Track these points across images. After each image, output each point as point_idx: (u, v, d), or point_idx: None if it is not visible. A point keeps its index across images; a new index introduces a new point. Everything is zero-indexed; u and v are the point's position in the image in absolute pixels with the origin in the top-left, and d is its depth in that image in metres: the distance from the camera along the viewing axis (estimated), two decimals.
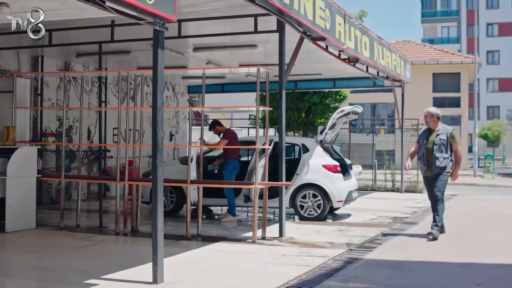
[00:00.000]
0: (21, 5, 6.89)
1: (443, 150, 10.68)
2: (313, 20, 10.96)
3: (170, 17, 6.81)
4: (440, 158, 10.65)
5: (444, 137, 10.75)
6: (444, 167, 10.67)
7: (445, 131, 10.86)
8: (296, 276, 7.68)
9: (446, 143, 10.72)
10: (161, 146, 7.18)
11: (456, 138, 10.96)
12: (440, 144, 10.68)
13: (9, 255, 9.04)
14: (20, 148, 11.18)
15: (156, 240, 7.18)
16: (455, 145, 10.80)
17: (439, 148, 10.69)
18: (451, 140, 10.77)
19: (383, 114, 37.31)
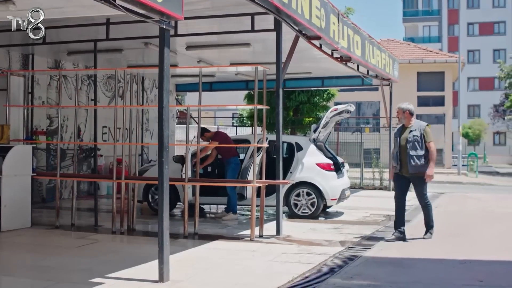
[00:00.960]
0: (26, 3, 6.86)
1: (417, 147, 10.05)
2: (309, 19, 11.01)
3: (177, 16, 6.82)
4: (414, 156, 10.05)
5: (418, 133, 10.12)
6: (421, 166, 10.03)
7: (419, 127, 10.22)
8: (300, 274, 7.72)
9: (420, 139, 10.07)
10: (167, 145, 7.18)
11: (430, 134, 10.20)
12: (413, 141, 10.07)
13: (8, 255, 8.97)
14: (15, 146, 11.12)
15: (162, 238, 7.19)
16: (428, 142, 10.09)
17: (412, 145, 10.07)
18: (425, 136, 10.12)
19: (368, 113, 37.50)
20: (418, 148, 10.04)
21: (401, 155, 10.25)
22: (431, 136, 10.20)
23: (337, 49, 12.96)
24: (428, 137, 10.13)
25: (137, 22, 11.02)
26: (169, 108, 20.67)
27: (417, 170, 10.08)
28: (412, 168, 10.07)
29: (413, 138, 10.08)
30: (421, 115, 34.14)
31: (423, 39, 69.41)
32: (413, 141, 10.06)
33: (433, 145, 10.14)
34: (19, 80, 12.04)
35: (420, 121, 10.52)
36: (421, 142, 10.06)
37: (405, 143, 10.14)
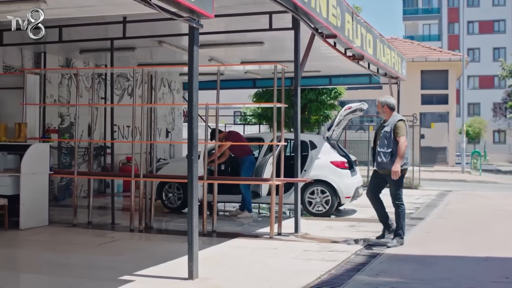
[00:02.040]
0: (58, 1, 6.88)
1: (385, 143, 9.48)
2: (326, 18, 11.04)
3: (208, 14, 6.85)
4: (381, 153, 9.51)
5: (388, 129, 9.52)
6: (387, 163, 9.45)
7: (392, 122, 9.58)
8: (326, 271, 7.77)
9: (390, 135, 9.47)
10: (197, 143, 7.22)
11: (402, 128, 9.45)
12: (383, 137, 9.54)
13: (32, 253, 8.99)
14: (33, 145, 11.15)
15: (191, 236, 7.22)
16: (399, 136, 9.40)
17: (381, 141, 9.57)
18: (395, 131, 9.46)
19: (372, 111, 37.45)
20: (385, 145, 9.49)
21: (374, 151, 9.89)
22: (403, 130, 9.47)
23: (351, 47, 13.00)
24: (399, 131, 9.44)
25: (152, 21, 11.16)
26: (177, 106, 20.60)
27: (383, 168, 9.58)
28: (378, 165, 9.67)
29: (383, 134, 9.57)
30: (424, 113, 34.29)
31: (423, 37, 69.49)
32: (383, 137, 9.56)
33: (403, 140, 9.38)
34: (35, 79, 12.05)
35: (398, 115, 9.86)
36: (390, 138, 9.47)
37: (378, 139, 9.73)
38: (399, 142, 9.37)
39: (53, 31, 12.20)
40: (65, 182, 15.98)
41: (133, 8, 7.27)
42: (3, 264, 8.25)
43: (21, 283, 7.14)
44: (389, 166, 9.41)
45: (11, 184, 10.81)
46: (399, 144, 9.36)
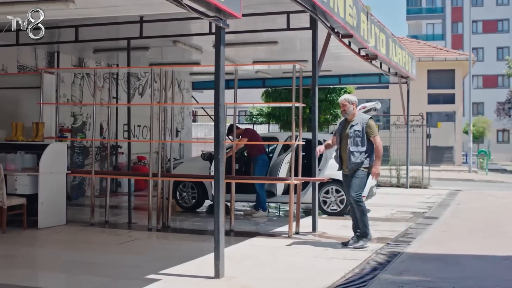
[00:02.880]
0: (85, 1, 6.92)
1: (359, 143, 9.17)
2: (344, 17, 11.09)
3: (237, 14, 6.89)
4: (355, 153, 9.18)
5: (360, 128, 9.22)
6: (361, 162, 9.18)
7: (361, 121, 9.30)
8: (350, 270, 7.80)
9: (362, 135, 9.18)
10: (223, 142, 7.25)
11: (374, 127, 9.29)
12: (354, 137, 9.20)
13: (55, 252, 9.04)
14: (51, 144, 11.18)
15: (218, 235, 7.25)
16: (373, 136, 9.18)
17: (353, 141, 9.19)
18: (367, 131, 9.21)
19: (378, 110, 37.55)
20: (359, 144, 9.18)
21: (341, 153, 9.44)
22: (375, 129, 9.30)
23: (366, 47, 13.04)
24: (372, 131, 9.23)
25: (168, 21, 11.20)
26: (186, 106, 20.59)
27: (356, 167, 9.23)
28: (351, 165, 9.23)
29: (355, 133, 9.22)
30: (431, 113, 34.31)
31: (426, 36, 69.46)
32: (355, 136, 9.21)
33: (379, 140, 9.20)
34: (51, 78, 12.08)
35: (364, 114, 9.73)
36: (363, 138, 9.19)
37: (346, 140, 9.32)
38: (376, 142, 9.17)
39: (68, 30, 12.28)
40: (78, 182, 16.02)
41: (160, 8, 7.33)
42: (30, 263, 8.29)
43: (51, 282, 7.14)
44: (361, 166, 9.19)
45: (29, 183, 10.85)
46: (376, 144, 9.17)
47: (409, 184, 20.26)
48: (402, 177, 20.77)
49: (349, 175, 9.37)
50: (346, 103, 9.42)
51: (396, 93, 20.58)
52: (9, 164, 10.97)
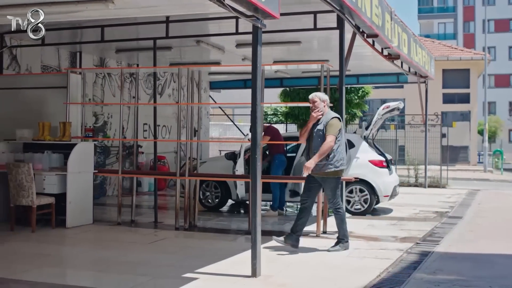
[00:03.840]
0: (125, 1, 6.97)
1: (319, 143, 8.64)
2: (370, 17, 11.11)
3: (275, 15, 6.92)
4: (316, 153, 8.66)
5: (322, 127, 8.70)
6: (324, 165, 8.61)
7: (325, 119, 8.77)
8: (384, 269, 7.83)
9: (323, 134, 8.67)
10: (260, 142, 7.28)
11: (333, 127, 8.65)
12: (316, 137, 8.72)
13: (88, 251, 9.09)
14: (79, 144, 11.25)
15: (255, 234, 7.29)
16: (327, 134, 8.59)
17: (315, 142, 8.73)
18: (327, 129, 8.66)
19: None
20: (319, 145, 8.64)
21: (309, 153, 8.93)
22: (333, 129, 8.66)
23: (390, 47, 13.05)
24: (329, 129, 8.63)
25: (194, 21, 11.25)
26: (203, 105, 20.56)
27: (319, 170, 8.67)
28: (314, 168, 8.66)
29: (317, 133, 8.75)
30: (446, 112, 34.27)
31: (438, 36, 69.23)
32: (317, 136, 8.73)
33: (330, 139, 8.57)
34: (77, 78, 12.14)
35: (331, 113, 9.03)
36: (323, 137, 8.65)
37: (312, 140, 8.86)
38: (326, 140, 8.57)
39: (90, 31, 12.36)
40: (99, 181, 16.07)
41: (195, 8, 7.37)
42: (66, 262, 8.38)
43: (93, 281, 7.16)
44: (324, 168, 8.64)
45: (57, 182, 10.90)
46: (326, 141, 8.56)
47: (427, 184, 20.22)
48: (420, 176, 20.73)
49: (314, 178, 8.85)
50: (317, 99, 8.88)
51: (411, 93, 20.65)
52: (37, 164, 11.03)
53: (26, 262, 8.09)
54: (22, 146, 11.86)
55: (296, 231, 8.95)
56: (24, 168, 10.31)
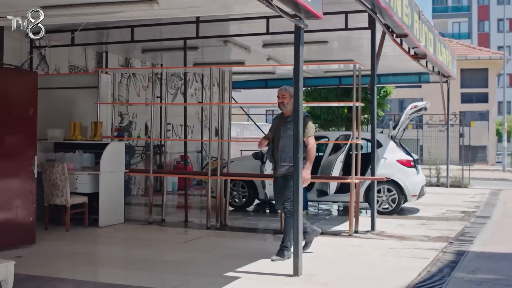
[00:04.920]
0: (169, 2, 7.01)
1: (291, 144, 7.75)
2: (401, 17, 11.12)
3: (319, 15, 6.95)
4: (288, 155, 8.00)
5: (293, 126, 7.71)
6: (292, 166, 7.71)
7: None
8: (423, 268, 7.85)
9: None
10: (302, 142, 7.31)
11: (309, 127, 8.10)
12: (288, 137, 7.98)
13: (126, 250, 9.14)
14: (111, 143, 11.32)
15: (297, 234, 7.32)
16: (306, 137, 7.96)
17: (286, 142, 8.04)
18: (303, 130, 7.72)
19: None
20: (292, 145, 7.72)
21: (274, 152, 8.30)
22: (310, 130, 8.14)
23: (418, 47, 13.06)
24: (307, 131, 8.04)
25: (223, 21, 11.30)
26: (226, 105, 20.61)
27: (288, 171, 8.07)
28: (281, 168, 8.17)
29: (288, 132, 8.03)
30: (464, 112, 34.19)
31: (452, 35, 69.00)
32: (288, 136, 8.02)
33: (312, 141, 8.11)
34: (107, 78, 12.22)
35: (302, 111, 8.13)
36: None
37: (279, 138, 8.19)
38: (308, 144, 8.02)
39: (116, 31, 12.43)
40: (124, 180, 16.12)
41: (238, 8, 7.40)
42: (107, 261, 8.44)
43: (138, 279, 7.16)
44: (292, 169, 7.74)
45: (90, 182, 10.99)
46: (309, 146, 8.02)
47: (449, 183, 20.20)
48: (441, 176, 20.69)
49: (279, 179, 8.29)
50: (286, 94, 8.20)
51: (429, 92, 20.65)
52: (68, 163, 11.10)
53: (66, 260, 8.17)
54: (53, 145, 11.94)
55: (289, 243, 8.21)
56: (58, 167, 10.40)
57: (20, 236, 8.83)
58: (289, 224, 8.06)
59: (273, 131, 8.36)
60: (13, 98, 8.71)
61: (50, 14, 7.48)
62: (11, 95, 8.67)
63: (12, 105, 8.68)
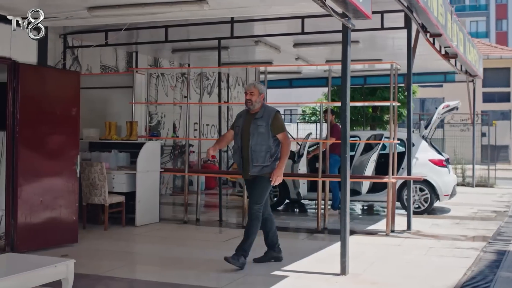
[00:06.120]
0: (218, 2, 7.06)
1: (263, 142, 7.54)
2: (436, 17, 11.13)
3: (368, 14, 6.98)
4: (259, 153, 7.57)
5: (264, 123, 7.58)
6: (265, 166, 7.57)
7: (267, 115, 7.63)
8: (467, 268, 7.86)
9: (267, 131, 7.55)
10: (348, 141, 7.35)
11: (281, 123, 7.71)
12: (258, 134, 7.56)
13: (168, 249, 9.15)
14: (147, 143, 11.39)
15: (344, 233, 7.36)
16: (280, 133, 7.60)
17: (256, 139, 7.56)
18: (273, 126, 7.57)
19: (431, 109, 37.39)
20: (264, 143, 7.55)
21: (243, 152, 7.79)
22: (283, 126, 7.74)
23: (451, 46, 13.05)
24: (278, 127, 7.64)
25: (256, 21, 11.33)
26: None
27: (260, 172, 7.63)
28: (254, 169, 7.64)
29: (257, 129, 7.60)
30: (486, 111, 34.05)
31: (470, 34, 68.65)
32: (259, 133, 7.59)
33: (287, 139, 7.69)
34: (141, 78, 12.30)
35: (270, 106, 7.89)
36: (268, 135, 7.56)
37: (248, 136, 7.66)
38: (283, 141, 7.63)
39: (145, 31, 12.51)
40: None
41: (285, 8, 7.44)
42: (151, 260, 8.48)
43: (188, 278, 7.24)
44: (267, 169, 7.60)
45: (126, 181, 11.06)
46: (283, 143, 7.63)
47: (475, 183, 20.15)
48: (467, 176, 20.64)
49: (251, 181, 7.83)
50: (255, 90, 7.68)
51: (450, 92, 20.60)
52: (104, 163, 11.18)
53: (111, 259, 8.25)
54: (88, 145, 12.03)
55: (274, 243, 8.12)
56: (97, 167, 10.48)
57: (64, 235, 8.92)
58: (253, 229, 7.66)
59: (238, 129, 7.80)
60: (57, 97, 8.80)
61: (98, 15, 7.56)
62: (55, 95, 8.76)
63: (56, 104, 8.77)
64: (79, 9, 7.43)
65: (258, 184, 7.66)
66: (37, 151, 8.55)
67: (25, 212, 8.35)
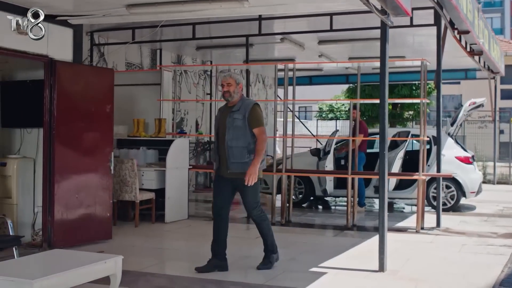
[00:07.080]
0: None
1: (240, 136, 7.04)
2: (466, 14, 11.11)
3: (408, 11, 6.99)
4: (234, 149, 7.09)
5: (240, 116, 7.07)
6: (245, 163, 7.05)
7: (244, 107, 7.12)
8: (504, 264, 7.87)
9: (244, 125, 7.05)
10: (387, 138, 7.37)
11: (260, 116, 7.18)
12: (234, 128, 7.08)
13: (200, 246, 9.07)
14: (176, 140, 11.44)
15: (383, 230, 7.38)
16: (256, 128, 7.07)
17: (232, 134, 7.07)
18: (251, 119, 7.07)
19: (449, 106, 37.29)
20: (241, 138, 7.06)
21: (219, 148, 7.33)
22: (261, 119, 7.21)
23: (477, 43, 13.03)
24: (257, 120, 7.13)
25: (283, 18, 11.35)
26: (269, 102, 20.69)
27: (239, 169, 7.10)
28: (232, 166, 7.14)
29: (235, 123, 7.10)
30: (505, 109, 33.92)
31: None
32: (235, 127, 7.09)
33: (263, 134, 7.14)
34: (168, 75, 12.36)
35: (248, 99, 7.43)
36: (246, 129, 7.06)
37: (224, 131, 7.17)
38: (258, 136, 7.09)
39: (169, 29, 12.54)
40: None
41: (322, 6, 7.45)
42: (188, 257, 8.48)
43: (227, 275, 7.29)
44: (246, 167, 7.06)
45: (156, 178, 11.12)
46: (259, 138, 7.08)
47: (496, 180, 20.10)
48: (488, 173, 20.57)
49: (228, 180, 7.29)
50: (232, 81, 7.18)
51: (467, 89, 20.49)
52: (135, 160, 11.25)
53: (147, 255, 8.32)
54: (116, 142, 12.08)
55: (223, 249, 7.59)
56: (127, 164, 10.54)
57: (98, 231, 8.99)
58: (265, 229, 7.47)
59: (216, 125, 7.38)
60: (92, 95, 8.86)
61: (136, 12, 7.60)
62: (90, 92, 8.83)
63: (91, 102, 8.83)
64: (118, 7, 7.47)
65: (245, 188, 7.15)
66: (73, 148, 8.61)
67: (61, 208, 8.42)
